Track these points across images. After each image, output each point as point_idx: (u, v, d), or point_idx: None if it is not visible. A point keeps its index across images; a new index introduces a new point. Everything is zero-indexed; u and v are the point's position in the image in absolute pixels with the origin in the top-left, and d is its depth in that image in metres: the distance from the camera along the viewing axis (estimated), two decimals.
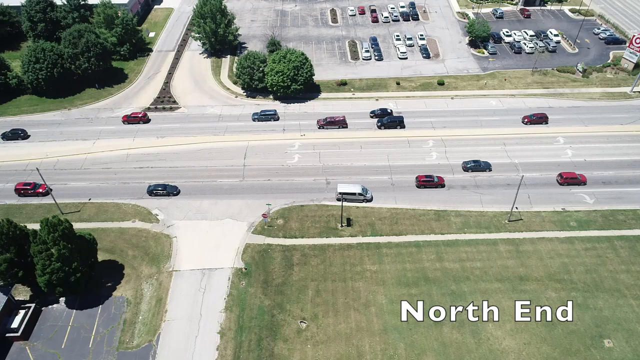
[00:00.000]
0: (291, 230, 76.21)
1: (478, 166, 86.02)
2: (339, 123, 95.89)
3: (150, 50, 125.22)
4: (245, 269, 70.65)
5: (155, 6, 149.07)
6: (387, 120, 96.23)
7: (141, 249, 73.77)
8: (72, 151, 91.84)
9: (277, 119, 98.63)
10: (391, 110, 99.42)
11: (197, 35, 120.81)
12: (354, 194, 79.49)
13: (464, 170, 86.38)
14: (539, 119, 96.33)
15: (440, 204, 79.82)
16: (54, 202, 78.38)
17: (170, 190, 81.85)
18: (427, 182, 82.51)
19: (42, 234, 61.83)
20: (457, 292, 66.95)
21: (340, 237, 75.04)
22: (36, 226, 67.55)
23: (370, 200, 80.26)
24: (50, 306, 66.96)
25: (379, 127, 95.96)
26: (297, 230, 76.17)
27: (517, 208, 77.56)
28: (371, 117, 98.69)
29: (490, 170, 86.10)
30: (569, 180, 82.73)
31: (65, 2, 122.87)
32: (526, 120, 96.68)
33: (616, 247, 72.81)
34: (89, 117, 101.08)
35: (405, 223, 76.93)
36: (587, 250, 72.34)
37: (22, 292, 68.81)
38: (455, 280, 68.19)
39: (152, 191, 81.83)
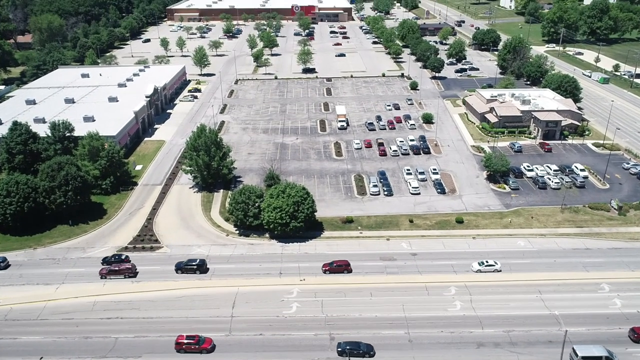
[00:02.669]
0: None
1: None
2: (124, 272, 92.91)
3: (135, 183, 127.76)
4: None
5: (146, 138, 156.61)
6: (187, 262, 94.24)
7: None
8: (30, 298, 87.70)
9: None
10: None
11: (188, 168, 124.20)
12: (600, 357, 71.77)
13: None
14: (339, 267, 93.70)
15: None
16: None
17: (366, 350, 74.68)
18: None
19: None
20: None
21: None
22: None
23: None
24: None
25: (176, 272, 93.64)
26: None
27: None
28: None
29: None
30: None
31: (49, 134, 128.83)
32: (325, 268, 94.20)
33: None
34: (56, 258, 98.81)
35: None
36: None
37: None
38: None
39: (344, 351, 74.27)
